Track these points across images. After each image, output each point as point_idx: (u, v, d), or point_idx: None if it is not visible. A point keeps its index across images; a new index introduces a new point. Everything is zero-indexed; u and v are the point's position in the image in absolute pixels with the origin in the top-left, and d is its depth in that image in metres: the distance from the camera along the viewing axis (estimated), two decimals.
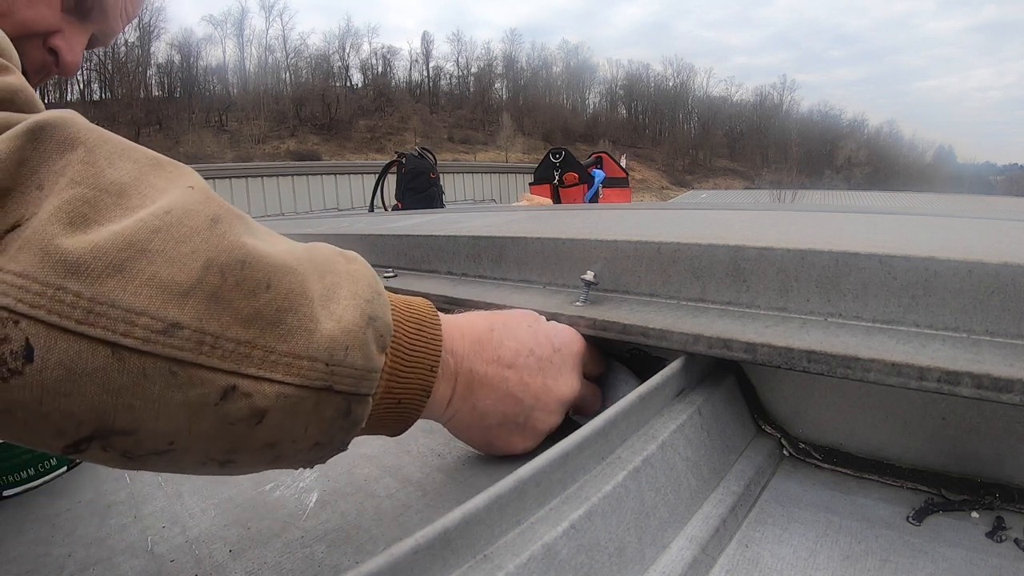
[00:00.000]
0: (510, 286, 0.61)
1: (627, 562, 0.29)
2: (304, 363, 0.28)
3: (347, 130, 56.74)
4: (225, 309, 0.26)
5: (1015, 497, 0.34)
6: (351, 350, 0.30)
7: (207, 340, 0.26)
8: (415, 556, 0.23)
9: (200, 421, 0.26)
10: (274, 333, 0.27)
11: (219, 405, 0.26)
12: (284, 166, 8.95)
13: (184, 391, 0.25)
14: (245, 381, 0.26)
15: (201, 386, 0.26)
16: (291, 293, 0.28)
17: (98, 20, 0.54)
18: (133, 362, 0.24)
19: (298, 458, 0.31)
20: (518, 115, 64.56)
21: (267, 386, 0.27)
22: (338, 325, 0.30)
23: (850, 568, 0.31)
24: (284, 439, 0.29)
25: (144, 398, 0.25)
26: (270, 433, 0.28)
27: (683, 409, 0.39)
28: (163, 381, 0.25)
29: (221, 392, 0.26)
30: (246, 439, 0.28)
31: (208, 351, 0.26)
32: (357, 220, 1.36)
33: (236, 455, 0.29)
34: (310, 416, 0.29)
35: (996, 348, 0.33)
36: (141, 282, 0.24)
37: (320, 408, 0.29)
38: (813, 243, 0.42)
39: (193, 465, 0.29)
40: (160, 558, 0.37)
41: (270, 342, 0.27)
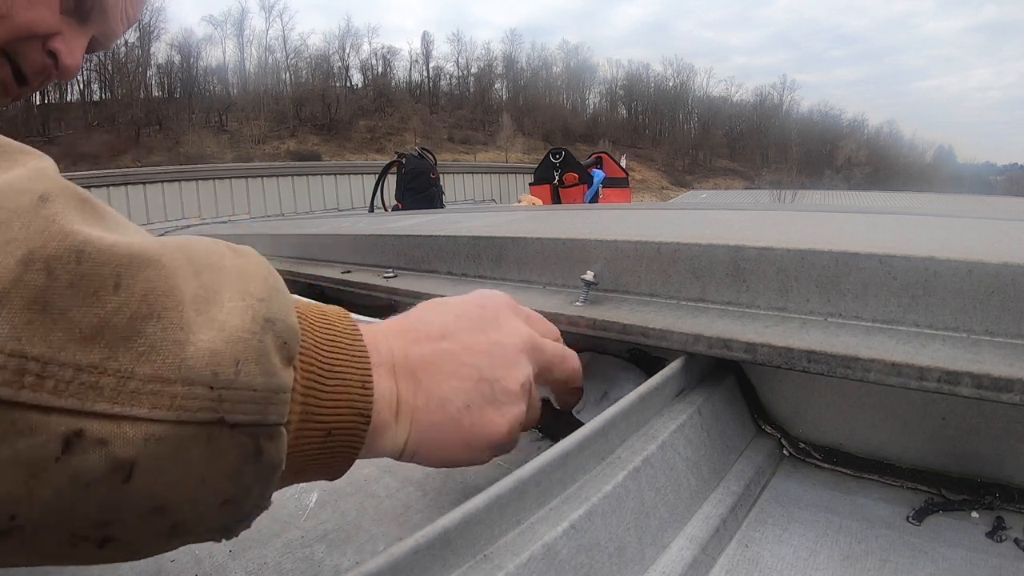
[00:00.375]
0: (510, 286, 0.61)
1: (627, 562, 0.29)
2: (177, 389, 0.21)
3: (347, 130, 56.77)
4: (56, 322, 0.19)
5: (1015, 497, 0.34)
6: (244, 364, 0.22)
7: (30, 368, 0.18)
8: (415, 556, 0.23)
9: (42, 485, 0.19)
10: (130, 352, 0.20)
11: (62, 460, 0.19)
12: (284, 166, 8.96)
13: (10, 444, 0.18)
14: (95, 423, 0.19)
15: (31, 434, 0.18)
16: (151, 293, 0.21)
17: (98, 22, 0.53)
18: None
19: (206, 524, 0.24)
20: (518, 115, 64.60)
21: (128, 427, 0.20)
22: (221, 334, 0.22)
23: (850, 568, 0.31)
24: (175, 500, 0.22)
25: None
26: (150, 493, 0.21)
27: (683, 409, 0.39)
28: None
29: (62, 441, 0.19)
30: (118, 503, 0.20)
31: (33, 383, 0.18)
32: (357, 220, 1.37)
33: (113, 529, 0.21)
34: (203, 464, 0.22)
35: (996, 348, 0.33)
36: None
37: (215, 450, 0.22)
38: (813, 243, 0.42)
39: (60, 548, 0.21)
40: (160, 558, 0.37)
41: (125, 364, 0.20)
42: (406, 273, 0.76)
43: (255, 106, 55.21)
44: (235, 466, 0.22)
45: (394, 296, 0.69)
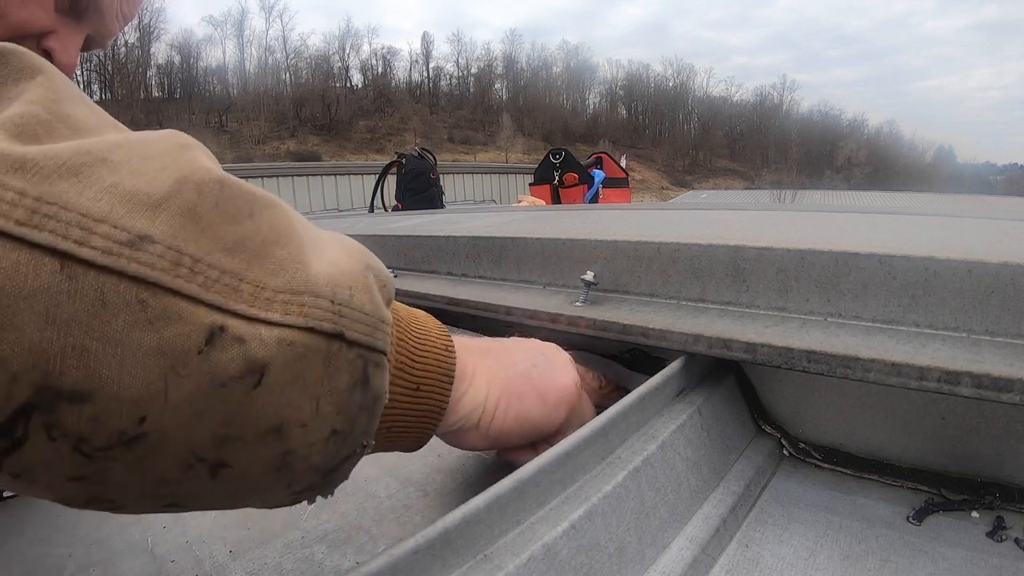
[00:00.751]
0: (510, 286, 0.61)
1: (627, 562, 0.29)
2: (305, 299, 0.22)
3: (347, 131, 56.77)
4: (204, 231, 0.21)
5: (1015, 497, 0.34)
6: (355, 291, 0.25)
7: (184, 262, 0.20)
8: (415, 556, 0.23)
9: (181, 381, 0.20)
10: (263, 267, 0.22)
11: (204, 353, 0.20)
12: (284, 167, 8.96)
13: (157, 330, 0.19)
14: (235, 321, 0.21)
15: (180, 322, 0.19)
16: (277, 226, 0.23)
17: (94, 20, 0.52)
18: (88, 282, 0.18)
19: (312, 460, 0.24)
20: (518, 115, 64.59)
21: (264, 329, 0.21)
22: (334, 266, 0.25)
23: (850, 568, 0.31)
24: (292, 420, 0.22)
25: (103, 337, 0.18)
26: (274, 406, 0.22)
27: (683, 409, 0.39)
28: (128, 313, 0.19)
29: (206, 333, 0.20)
30: (243, 415, 0.21)
31: (187, 275, 0.20)
32: (357, 221, 1.37)
33: (230, 450, 0.22)
34: (320, 381, 0.23)
35: (996, 348, 0.33)
36: (101, 188, 0.19)
37: (333, 368, 0.23)
38: (813, 243, 0.42)
39: (175, 470, 0.21)
40: (160, 559, 0.37)
41: (259, 276, 0.22)
42: (406, 273, 0.76)
43: (255, 106, 55.23)
44: (346, 389, 0.24)
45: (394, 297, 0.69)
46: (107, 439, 0.19)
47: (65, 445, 0.19)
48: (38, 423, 0.18)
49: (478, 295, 0.58)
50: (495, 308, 0.55)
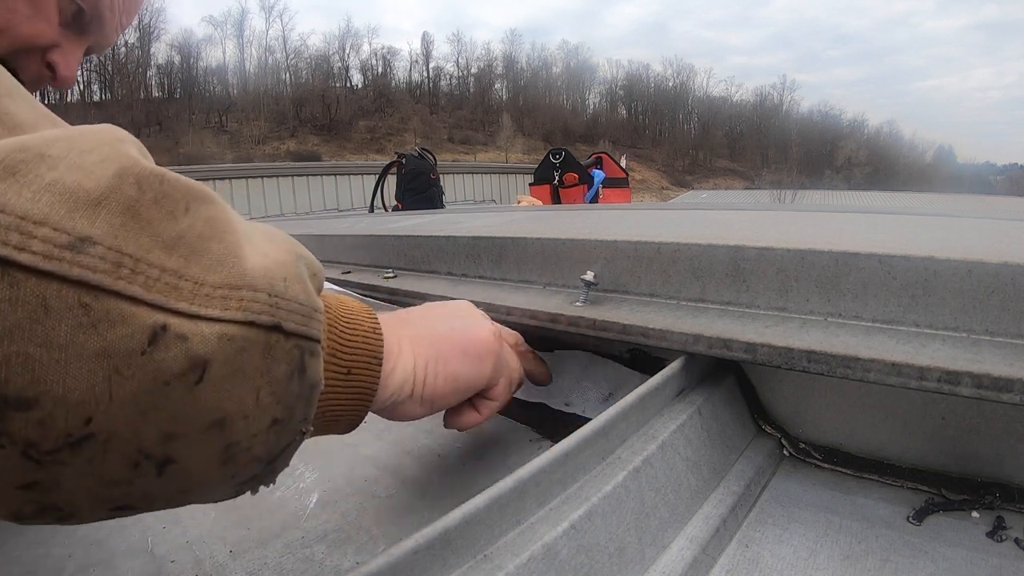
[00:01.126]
0: (510, 286, 0.61)
1: (627, 562, 0.29)
2: (244, 293, 0.23)
3: (347, 131, 56.77)
4: (144, 229, 0.21)
5: (1015, 497, 0.34)
6: (289, 282, 0.25)
7: (125, 263, 0.20)
8: (415, 556, 0.23)
9: (125, 382, 0.20)
10: (200, 263, 0.22)
11: (147, 354, 0.20)
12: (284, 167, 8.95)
13: (100, 332, 0.19)
14: (177, 319, 0.21)
15: (123, 324, 0.20)
16: (212, 221, 0.24)
17: (95, 34, 0.54)
18: (30, 288, 0.18)
19: (255, 451, 0.25)
20: (518, 115, 64.58)
21: (204, 325, 0.21)
22: (267, 259, 0.25)
23: (850, 568, 0.31)
24: (234, 413, 0.23)
25: (46, 343, 0.18)
26: (216, 400, 0.22)
27: (683, 409, 0.39)
28: (72, 318, 0.19)
29: (149, 334, 0.20)
30: (186, 411, 0.22)
31: (128, 276, 0.20)
32: (357, 221, 1.37)
33: (176, 446, 0.22)
34: (260, 373, 0.23)
35: (996, 348, 0.33)
36: (40, 187, 0.19)
37: (271, 359, 0.24)
38: (813, 243, 0.42)
39: (122, 470, 0.21)
40: (160, 558, 0.37)
41: (197, 273, 0.22)
42: (406, 273, 0.76)
43: (255, 106, 55.23)
44: (285, 379, 0.25)
45: (394, 297, 0.69)
46: (55, 442, 0.19)
47: (14, 452, 0.19)
48: None
49: (478, 295, 0.58)
50: (495, 308, 0.55)
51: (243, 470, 0.25)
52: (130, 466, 0.21)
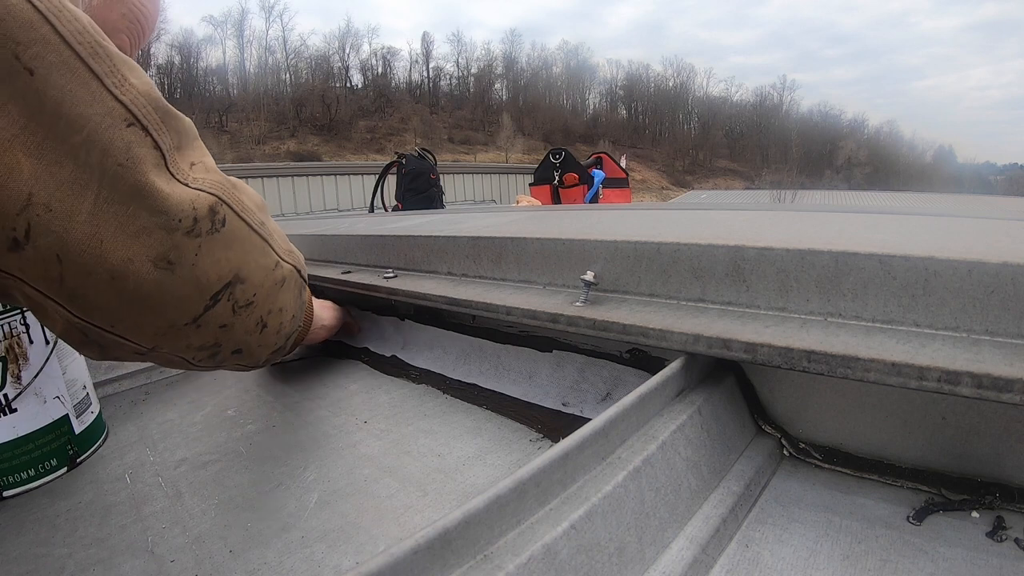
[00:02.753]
0: (510, 286, 0.61)
1: (627, 562, 0.29)
2: (294, 255, 0.52)
3: (347, 131, 56.72)
4: (267, 222, 0.48)
5: (1015, 497, 0.34)
6: (293, 254, 0.53)
7: (271, 235, 0.48)
8: (415, 556, 0.23)
9: (268, 278, 0.47)
10: (278, 240, 0.49)
11: (274, 271, 0.48)
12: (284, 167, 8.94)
13: (267, 257, 0.47)
14: (281, 260, 0.49)
15: (271, 257, 0.47)
16: (274, 224, 0.50)
17: None
18: (254, 239, 0.45)
19: (285, 328, 0.52)
20: (518, 116, 64.52)
21: (286, 265, 0.50)
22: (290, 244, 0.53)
23: (850, 568, 0.31)
24: (286, 306, 0.51)
25: (254, 259, 0.45)
26: (283, 296, 0.50)
27: (683, 409, 0.39)
28: (261, 251, 0.46)
29: (275, 263, 0.48)
30: (276, 298, 0.48)
31: (271, 240, 0.48)
32: (357, 221, 1.37)
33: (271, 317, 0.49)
34: (294, 289, 0.52)
35: (996, 348, 0.33)
36: (250, 196, 0.46)
37: (299, 288, 0.53)
38: (813, 243, 0.42)
39: (254, 324, 0.47)
40: (160, 558, 0.37)
41: (280, 243, 0.50)
42: (406, 273, 0.76)
43: (255, 107, 55.20)
44: (298, 295, 0.53)
45: (394, 297, 0.69)
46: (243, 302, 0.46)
47: (230, 305, 0.45)
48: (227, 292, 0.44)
49: (478, 295, 0.58)
50: (495, 308, 0.55)
51: (280, 340, 0.52)
52: (256, 323, 0.47)
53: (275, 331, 0.49)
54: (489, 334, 0.64)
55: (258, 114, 54.59)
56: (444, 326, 0.70)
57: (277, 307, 0.48)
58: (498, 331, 0.63)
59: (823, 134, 72.13)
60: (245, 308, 0.44)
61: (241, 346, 0.46)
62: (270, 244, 0.47)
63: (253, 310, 0.45)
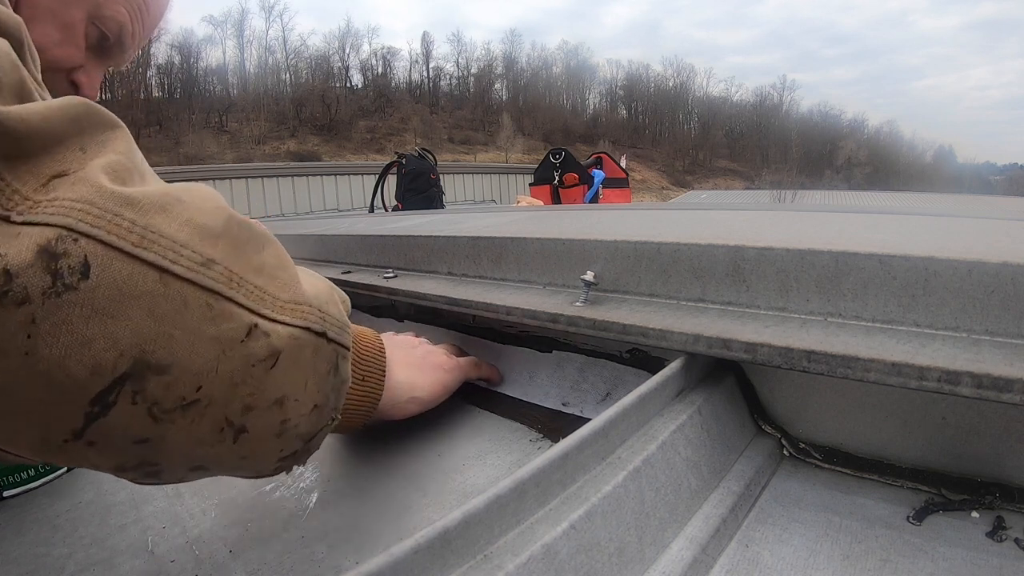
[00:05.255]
0: (510, 286, 0.61)
1: (627, 562, 0.29)
2: (304, 308, 0.32)
3: (347, 131, 56.71)
4: (242, 256, 0.30)
5: (1015, 497, 0.34)
6: (329, 304, 0.34)
7: (235, 279, 0.29)
8: (415, 556, 0.23)
9: (227, 360, 0.28)
10: (275, 284, 0.31)
11: (244, 343, 0.28)
12: (284, 167, 8.94)
13: (217, 324, 0.27)
14: (264, 321, 0.29)
15: (230, 320, 0.28)
16: (279, 256, 0.33)
17: (117, 56, 0.59)
18: (176, 289, 0.26)
19: (300, 427, 0.32)
20: (518, 116, 64.51)
21: (280, 328, 0.30)
22: (313, 287, 0.34)
23: (850, 568, 0.31)
24: (291, 395, 0.31)
25: (183, 327, 0.26)
26: (281, 383, 0.30)
27: (683, 409, 0.39)
28: (200, 312, 0.27)
29: (247, 329, 0.29)
30: (262, 387, 0.29)
31: (236, 287, 0.29)
32: (357, 220, 1.37)
33: (251, 416, 0.29)
34: (310, 366, 0.32)
35: (996, 347, 0.33)
36: (182, 222, 0.28)
37: (318, 357, 0.33)
38: (813, 243, 0.42)
39: (211, 434, 0.28)
40: (160, 558, 0.37)
41: (274, 291, 0.31)
42: (406, 273, 0.76)
43: (255, 106, 55.20)
44: (325, 373, 0.33)
45: (394, 297, 0.69)
46: (173, 403, 0.27)
47: (142, 408, 0.26)
48: (128, 389, 0.25)
49: (478, 295, 0.58)
50: (495, 308, 0.55)
51: (289, 445, 0.32)
52: (217, 430, 0.29)
53: (271, 434, 0.31)
54: (489, 334, 0.64)
55: (258, 114, 54.59)
56: (444, 326, 0.70)
57: (267, 399, 0.29)
58: (498, 331, 0.63)
59: (823, 134, 72.12)
60: (180, 411, 0.27)
61: (201, 462, 0.30)
62: (233, 296, 0.28)
63: (204, 411, 0.27)
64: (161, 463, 0.28)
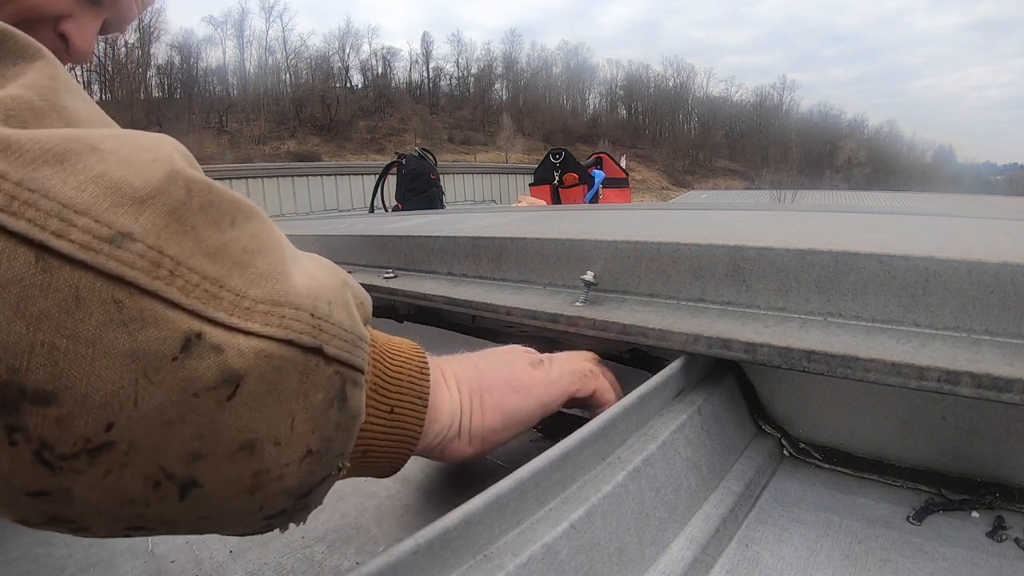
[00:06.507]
0: (510, 287, 0.61)
1: (627, 562, 0.29)
2: (286, 311, 0.22)
3: (347, 131, 56.76)
4: (188, 233, 0.20)
5: (1015, 497, 0.34)
6: (333, 306, 0.24)
7: (165, 263, 0.19)
8: (415, 556, 0.23)
9: (152, 388, 0.18)
10: (243, 275, 0.21)
11: (178, 360, 0.19)
12: (284, 167, 8.94)
13: (132, 332, 0.18)
14: (213, 329, 0.20)
15: (155, 326, 0.18)
16: (258, 236, 0.23)
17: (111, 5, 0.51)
18: (63, 277, 0.17)
19: (286, 480, 0.23)
20: (518, 116, 64.56)
21: (242, 339, 0.20)
22: (313, 280, 0.24)
23: (850, 568, 0.31)
24: (266, 437, 0.21)
25: (74, 336, 0.17)
26: (247, 420, 0.21)
27: (683, 409, 0.39)
28: (102, 313, 0.18)
29: (182, 339, 0.19)
30: (215, 428, 0.20)
31: (167, 277, 0.19)
32: (357, 221, 1.37)
33: (201, 468, 0.20)
34: (297, 397, 0.22)
35: (996, 347, 0.33)
36: (87, 178, 0.19)
37: (310, 383, 0.22)
38: (813, 243, 0.42)
39: (142, 488, 0.19)
40: (160, 558, 0.37)
41: (239, 285, 0.21)
42: (406, 273, 0.76)
43: (255, 107, 55.23)
44: (323, 407, 0.23)
45: (394, 297, 0.69)
46: (72, 446, 0.18)
47: (26, 451, 0.18)
48: (1, 425, 0.17)
49: (478, 295, 0.58)
50: (495, 308, 0.55)
51: (272, 502, 0.23)
52: (150, 485, 0.20)
53: (239, 490, 0.22)
54: (489, 334, 0.64)
55: (258, 114, 54.62)
56: (444, 326, 0.70)
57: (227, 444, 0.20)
58: (498, 331, 0.63)
59: (823, 134, 72.13)
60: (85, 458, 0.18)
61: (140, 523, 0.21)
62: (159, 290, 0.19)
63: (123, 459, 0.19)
64: (79, 521, 0.20)
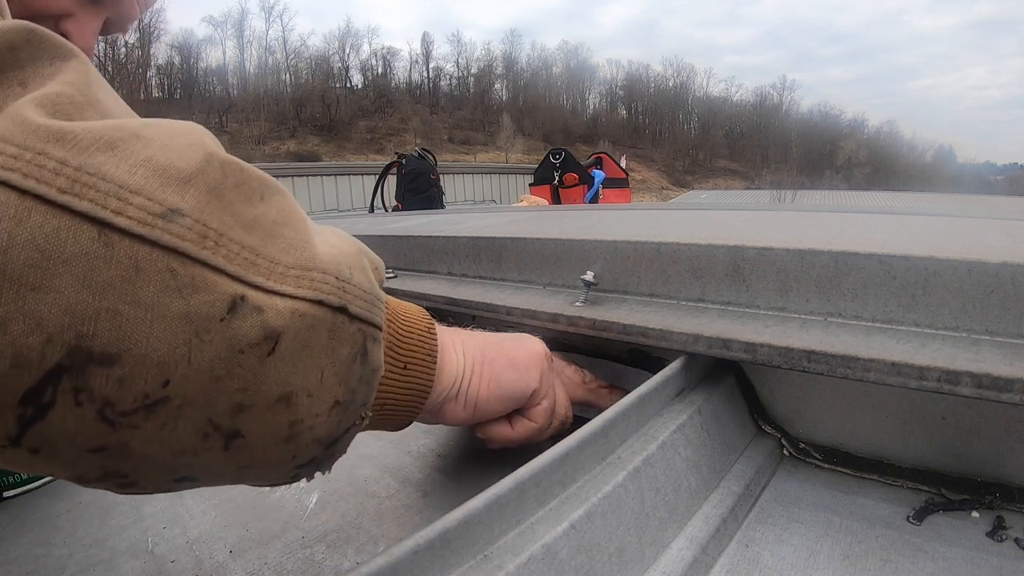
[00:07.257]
0: (510, 287, 0.61)
1: (627, 562, 0.29)
2: (315, 275, 0.24)
3: (347, 131, 56.74)
4: (226, 208, 0.23)
5: (1015, 497, 0.34)
6: (353, 271, 0.27)
7: (210, 235, 0.21)
8: (415, 556, 0.23)
9: (204, 346, 0.21)
10: (275, 244, 0.24)
11: (226, 321, 0.21)
12: (284, 167, 8.94)
13: (185, 297, 0.20)
14: (254, 292, 0.22)
15: (205, 291, 0.21)
16: (284, 210, 0.25)
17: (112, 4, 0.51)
18: (124, 249, 0.19)
19: (317, 429, 0.25)
20: (518, 116, 64.55)
21: (279, 300, 0.23)
22: (334, 248, 0.27)
23: (850, 568, 0.31)
24: (300, 389, 0.24)
25: (135, 302, 0.19)
26: (285, 374, 0.23)
27: (683, 409, 0.39)
28: (159, 280, 0.20)
29: (229, 302, 0.21)
30: (257, 381, 0.22)
31: (212, 247, 0.21)
32: (357, 221, 1.37)
33: (246, 416, 0.23)
34: (325, 352, 0.25)
35: (996, 347, 0.33)
36: (136, 162, 0.21)
37: (337, 339, 0.25)
38: (813, 243, 0.42)
39: (192, 439, 0.22)
40: (160, 559, 0.37)
41: (273, 253, 0.23)
42: (406, 273, 0.76)
43: (255, 107, 55.24)
44: (348, 361, 0.26)
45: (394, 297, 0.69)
46: (132, 403, 0.20)
47: (90, 411, 0.20)
48: (67, 387, 0.19)
49: (478, 295, 0.58)
50: (495, 308, 0.55)
51: (304, 451, 0.26)
52: (200, 436, 0.22)
53: (277, 439, 0.24)
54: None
55: (258, 114, 54.62)
56: (444, 326, 0.70)
57: (267, 396, 0.23)
58: (498, 331, 0.63)
59: (823, 134, 72.14)
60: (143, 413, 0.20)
61: (186, 473, 0.23)
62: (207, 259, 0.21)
63: (177, 413, 0.21)
64: (131, 475, 0.22)
